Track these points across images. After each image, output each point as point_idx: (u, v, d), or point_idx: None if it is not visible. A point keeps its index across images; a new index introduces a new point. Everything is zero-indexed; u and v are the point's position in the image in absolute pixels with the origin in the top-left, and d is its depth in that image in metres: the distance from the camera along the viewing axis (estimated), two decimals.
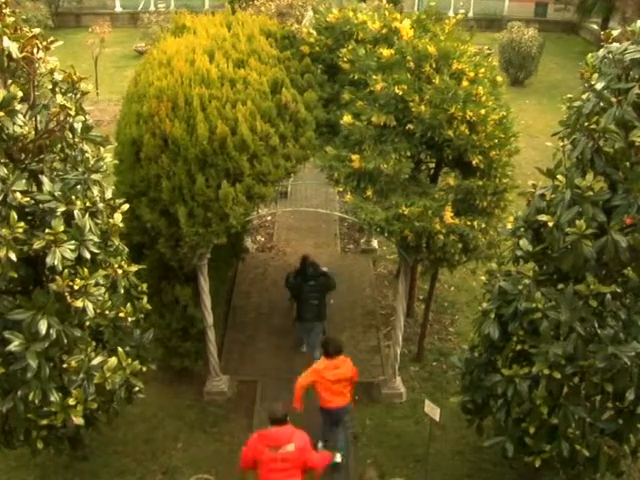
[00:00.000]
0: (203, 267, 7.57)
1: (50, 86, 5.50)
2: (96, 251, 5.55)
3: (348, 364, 7.24)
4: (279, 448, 6.00)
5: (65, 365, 5.69)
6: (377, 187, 7.00)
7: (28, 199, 5.17)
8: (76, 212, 5.40)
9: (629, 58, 5.14)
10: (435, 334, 9.79)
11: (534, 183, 6.06)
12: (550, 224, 5.47)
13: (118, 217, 5.96)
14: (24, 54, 5.19)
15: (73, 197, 5.42)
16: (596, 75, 5.52)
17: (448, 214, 6.92)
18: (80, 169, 5.62)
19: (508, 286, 5.96)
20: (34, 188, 5.41)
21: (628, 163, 5.25)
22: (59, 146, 5.62)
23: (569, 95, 5.87)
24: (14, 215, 4.97)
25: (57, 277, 5.31)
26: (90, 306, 5.44)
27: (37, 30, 5.37)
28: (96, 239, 5.54)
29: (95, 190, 5.72)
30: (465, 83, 7.10)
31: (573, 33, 27.01)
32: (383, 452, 7.80)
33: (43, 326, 5.17)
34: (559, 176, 5.67)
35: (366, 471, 6.46)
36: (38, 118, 5.45)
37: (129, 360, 6.14)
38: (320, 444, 7.52)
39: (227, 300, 10.14)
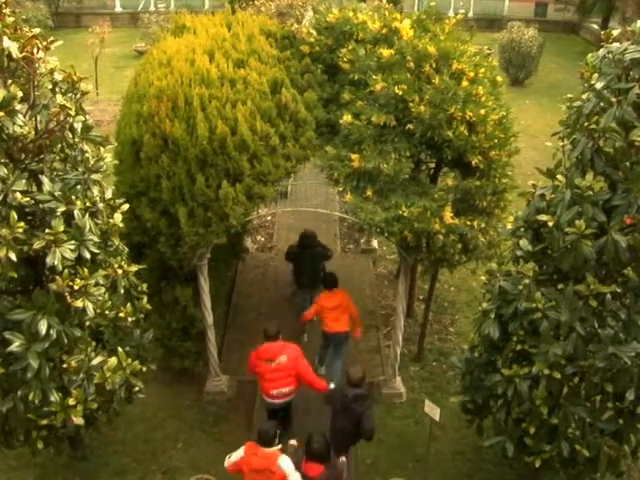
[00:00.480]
0: (203, 267, 7.57)
1: (50, 86, 5.50)
2: (96, 251, 5.55)
3: (342, 294, 8.38)
4: (273, 360, 7.04)
5: (65, 365, 5.69)
6: (377, 187, 7.00)
7: (28, 199, 5.17)
8: (76, 212, 5.40)
9: (629, 58, 5.14)
10: (435, 334, 9.79)
11: (534, 183, 6.06)
12: (550, 224, 5.47)
13: (118, 217, 5.96)
14: (24, 54, 5.19)
15: (73, 197, 5.42)
16: (596, 75, 5.52)
17: (448, 214, 6.92)
18: (80, 169, 5.62)
19: (508, 286, 5.96)
20: (34, 188, 5.41)
21: (628, 163, 5.25)
22: (59, 146, 5.62)
23: (569, 95, 5.87)
24: (14, 215, 4.97)
25: (57, 277, 5.31)
26: (90, 306, 5.44)
27: (37, 30, 5.37)
28: (96, 239, 5.54)
29: (95, 190, 5.72)
30: (465, 83, 7.09)
31: (573, 33, 27.01)
32: (383, 452, 7.80)
33: (43, 326, 5.17)
34: (559, 176, 5.68)
35: (351, 370, 6.94)
36: (38, 118, 5.45)
37: (129, 360, 6.14)
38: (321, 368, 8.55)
39: (227, 300, 10.14)
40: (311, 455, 6.17)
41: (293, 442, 6.58)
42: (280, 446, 6.08)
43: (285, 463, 5.95)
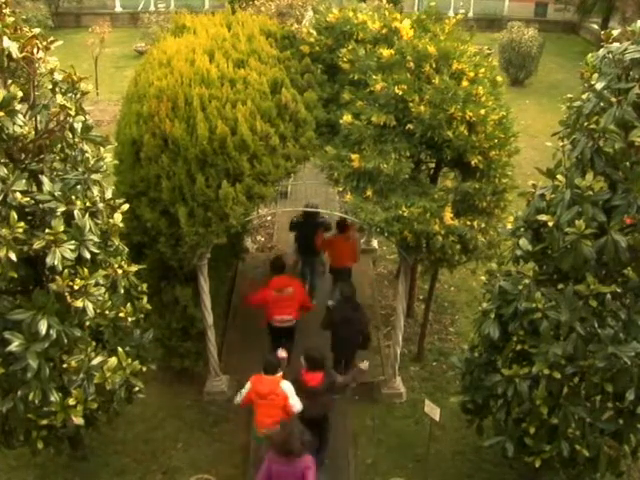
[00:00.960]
0: (203, 267, 7.57)
1: (50, 86, 5.50)
2: (96, 251, 5.55)
3: (350, 238, 9.75)
4: (283, 290, 8.14)
5: (65, 365, 5.70)
6: (377, 187, 7.00)
7: (28, 199, 5.17)
8: (76, 212, 5.40)
9: (629, 58, 5.15)
10: (435, 334, 9.78)
11: (534, 183, 6.06)
12: (550, 224, 5.47)
13: (118, 217, 5.96)
14: (24, 54, 5.19)
15: (73, 197, 5.42)
16: (596, 75, 5.52)
17: (447, 215, 6.92)
18: (80, 169, 5.62)
19: (508, 286, 5.96)
20: (34, 188, 5.41)
21: (628, 163, 5.25)
22: (59, 146, 5.62)
23: (569, 95, 5.87)
24: (14, 215, 4.97)
25: (57, 277, 5.31)
26: (90, 306, 5.44)
27: (37, 30, 5.37)
28: (96, 239, 5.54)
29: (95, 190, 5.72)
30: (465, 83, 7.09)
31: (573, 33, 26.99)
32: (383, 452, 7.80)
33: (43, 326, 5.17)
34: (559, 176, 5.68)
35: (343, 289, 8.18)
36: (38, 118, 5.45)
37: (129, 360, 6.14)
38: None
39: (227, 300, 10.14)
40: (312, 366, 6.93)
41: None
42: (282, 373, 6.90)
43: (286, 386, 6.78)
